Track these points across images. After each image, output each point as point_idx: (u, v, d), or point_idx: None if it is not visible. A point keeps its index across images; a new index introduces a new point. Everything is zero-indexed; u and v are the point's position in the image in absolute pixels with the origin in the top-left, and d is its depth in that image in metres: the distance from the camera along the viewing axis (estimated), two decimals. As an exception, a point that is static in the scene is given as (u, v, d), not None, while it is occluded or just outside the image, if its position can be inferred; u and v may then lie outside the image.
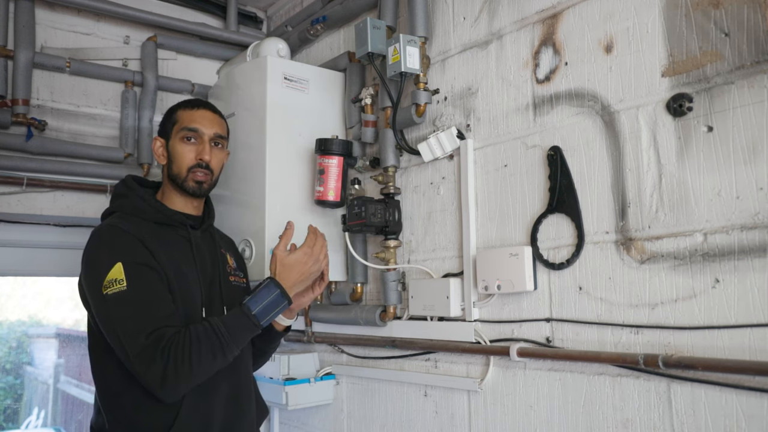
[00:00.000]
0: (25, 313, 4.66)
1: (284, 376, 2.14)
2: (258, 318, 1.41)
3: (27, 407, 4.55)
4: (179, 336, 1.33)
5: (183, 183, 1.57)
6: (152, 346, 1.31)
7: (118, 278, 1.36)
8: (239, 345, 1.41)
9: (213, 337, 1.36)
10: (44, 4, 2.33)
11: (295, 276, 1.51)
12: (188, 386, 1.36)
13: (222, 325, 1.38)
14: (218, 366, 1.38)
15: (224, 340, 1.37)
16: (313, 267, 1.54)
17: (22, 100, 2.18)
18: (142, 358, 1.31)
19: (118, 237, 1.43)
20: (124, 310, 1.35)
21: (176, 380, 1.32)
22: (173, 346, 1.32)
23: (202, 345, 1.34)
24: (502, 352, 1.59)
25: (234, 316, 1.41)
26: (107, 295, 1.35)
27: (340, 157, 1.99)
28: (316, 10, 2.41)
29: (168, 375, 1.30)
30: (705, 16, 1.28)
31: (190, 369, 1.32)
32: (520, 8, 1.66)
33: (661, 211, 1.33)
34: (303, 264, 1.52)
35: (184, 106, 1.64)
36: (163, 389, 1.32)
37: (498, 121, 1.70)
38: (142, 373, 1.32)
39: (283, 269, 1.50)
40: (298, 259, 1.52)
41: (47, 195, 2.30)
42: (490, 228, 1.69)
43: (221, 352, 1.37)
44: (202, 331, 1.36)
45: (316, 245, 1.56)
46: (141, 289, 1.37)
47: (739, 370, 1.16)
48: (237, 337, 1.39)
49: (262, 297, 1.44)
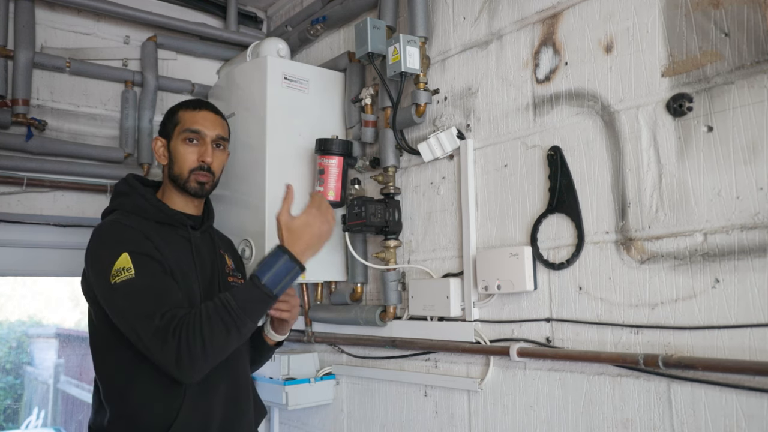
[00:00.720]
0: (25, 313, 4.66)
1: (284, 376, 2.14)
2: (269, 287, 1.35)
3: (27, 407, 4.55)
4: (190, 315, 1.33)
5: (185, 184, 1.57)
6: (165, 327, 1.30)
7: (126, 266, 1.35)
8: (253, 318, 1.37)
9: (224, 313, 1.33)
10: (44, 4, 2.33)
11: (306, 240, 1.41)
12: (205, 365, 1.33)
13: (232, 300, 1.34)
14: (234, 342, 1.36)
15: (236, 314, 1.33)
16: (323, 227, 1.44)
17: (22, 100, 2.17)
18: (156, 339, 1.30)
19: (122, 231, 1.44)
20: (135, 296, 1.35)
21: (191, 359, 1.30)
22: (185, 325, 1.31)
23: (213, 321, 1.32)
24: (502, 352, 1.59)
25: (244, 289, 1.38)
26: (116, 284, 1.35)
27: (340, 157, 1.99)
28: (316, 10, 2.41)
29: (182, 355, 1.29)
30: (705, 16, 1.28)
31: (203, 347, 1.30)
32: (520, 8, 1.66)
33: (661, 211, 1.33)
34: (311, 226, 1.42)
35: (185, 106, 1.64)
36: (179, 369, 1.31)
37: (498, 121, 1.70)
38: (158, 355, 1.31)
39: (290, 235, 1.41)
40: (306, 221, 1.42)
41: (47, 195, 2.30)
42: (490, 228, 1.69)
43: (235, 327, 1.33)
44: (212, 308, 1.34)
45: (322, 205, 1.48)
46: (149, 275, 1.37)
47: (739, 370, 1.16)
48: (249, 309, 1.35)
49: (270, 265, 1.37)
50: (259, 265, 1.38)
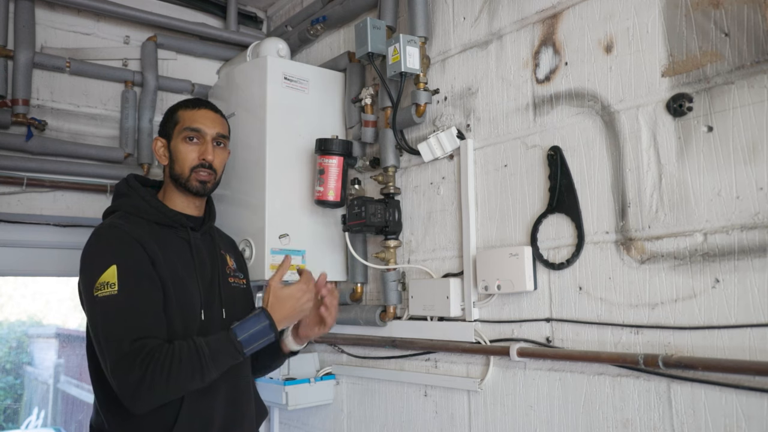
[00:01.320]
0: (25, 313, 4.66)
1: (284, 376, 2.15)
2: (243, 345, 1.39)
3: (27, 407, 4.55)
4: (161, 349, 1.32)
5: (186, 183, 1.57)
6: (133, 355, 1.29)
7: (110, 282, 1.35)
8: (219, 369, 1.38)
9: (195, 357, 1.34)
10: (44, 4, 2.33)
11: (287, 310, 1.48)
12: (159, 401, 1.33)
13: (206, 347, 1.36)
14: (194, 386, 1.36)
15: (205, 361, 1.34)
16: (306, 304, 1.51)
17: (22, 100, 2.18)
18: (121, 365, 1.29)
19: (118, 238, 1.42)
20: (111, 315, 1.34)
21: (149, 393, 1.29)
22: (153, 358, 1.30)
23: (183, 363, 1.32)
24: (502, 352, 1.59)
25: (219, 340, 1.39)
26: (97, 297, 1.34)
27: (340, 157, 1.99)
28: (316, 10, 2.41)
29: (143, 386, 1.28)
30: (705, 16, 1.28)
31: (166, 384, 1.30)
32: (520, 8, 1.66)
33: (661, 211, 1.33)
34: (296, 299, 1.49)
35: (185, 105, 1.63)
36: (133, 399, 1.30)
37: (498, 121, 1.70)
38: (118, 380, 1.30)
39: (276, 301, 1.47)
40: (292, 293, 1.49)
41: (47, 195, 2.30)
42: (490, 228, 1.69)
43: (200, 373, 1.34)
44: (185, 349, 1.34)
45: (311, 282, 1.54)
46: (131, 296, 1.36)
47: (739, 370, 1.16)
48: (218, 361, 1.37)
49: (250, 326, 1.41)
50: (240, 321, 1.42)
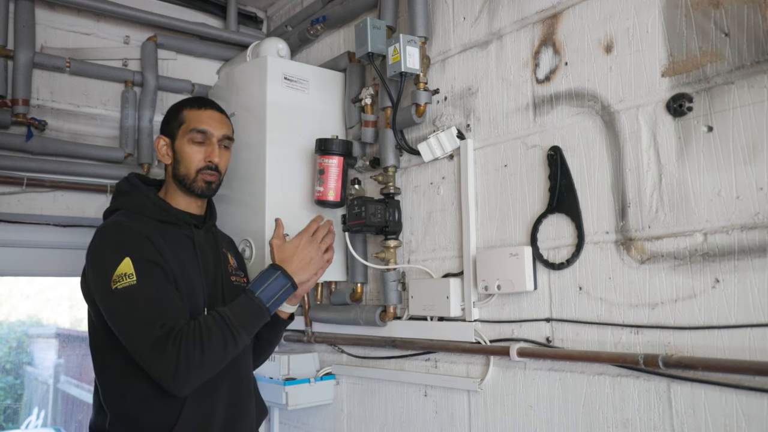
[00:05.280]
0: (25, 313, 4.66)
1: (284, 376, 2.14)
2: (263, 301, 1.40)
3: (27, 407, 4.55)
4: (190, 326, 1.33)
5: (191, 184, 1.57)
6: (164, 338, 1.30)
7: (128, 272, 1.35)
8: (249, 332, 1.40)
9: (222, 325, 1.35)
10: (44, 4, 2.33)
11: (296, 263, 1.48)
12: (199, 378, 1.34)
13: (230, 313, 1.38)
14: (229, 355, 1.38)
15: (233, 327, 1.36)
16: (314, 252, 1.51)
17: (22, 100, 2.17)
18: (155, 349, 1.30)
19: (125, 233, 1.43)
20: (135, 304, 1.34)
21: (188, 371, 1.31)
22: (184, 336, 1.31)
23: (212, 333, 1.33)
24: (502, 352, 1.59)
25: (240, 303, 1.40)
26: (116, 289, 1.34)
27: (340, 157, 1.99)
28: (316, 10, 2.41)
29: (180, 365, 1.29)
30: (705, 16, 1.28)
31: (202, 358, 1.31)
32: (520, 8, 1.66)
33: (661, 211, 1.33)
34: (301, 249, 1.48)
35: (190, 105, 1.62)
36: (174, 380, 1.31)
37: (498, 121, 1.70)
38: (155, 364, 1.30)
39: (281, 255, 1.47)
40: (296, 244, 1.49)
41: (47, 195, 2.30)
42: (490, 228, 1.69)
43: (232, 340, 1.36)
44: (211, 321, 1.36)
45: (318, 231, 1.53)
46: (151, 283, 1.37)
47: (739, 370, 1.16)
48: (245, 322, 1.39)
49: (263, 280, 1.42)
50: (252, 281, 1.43)
